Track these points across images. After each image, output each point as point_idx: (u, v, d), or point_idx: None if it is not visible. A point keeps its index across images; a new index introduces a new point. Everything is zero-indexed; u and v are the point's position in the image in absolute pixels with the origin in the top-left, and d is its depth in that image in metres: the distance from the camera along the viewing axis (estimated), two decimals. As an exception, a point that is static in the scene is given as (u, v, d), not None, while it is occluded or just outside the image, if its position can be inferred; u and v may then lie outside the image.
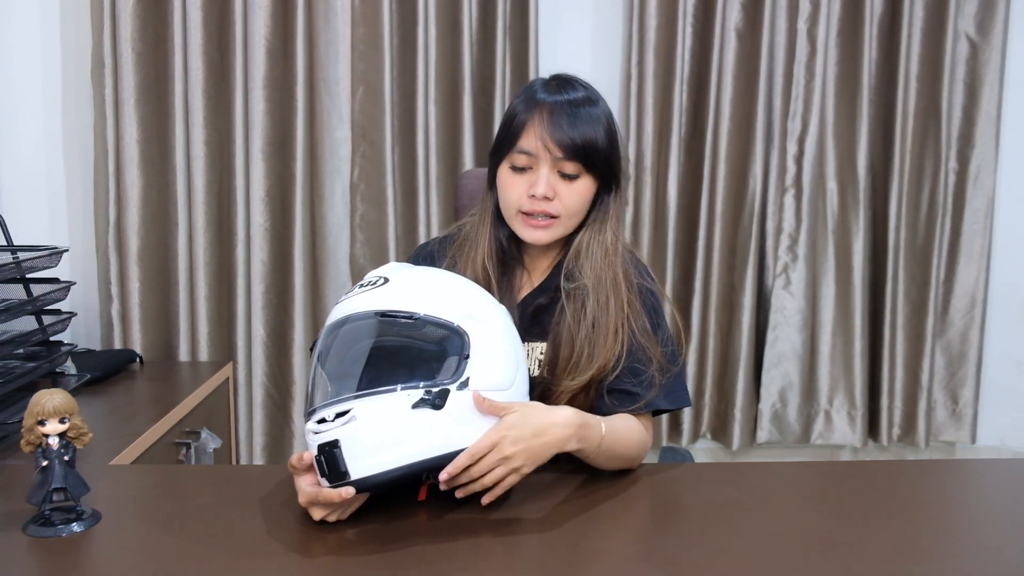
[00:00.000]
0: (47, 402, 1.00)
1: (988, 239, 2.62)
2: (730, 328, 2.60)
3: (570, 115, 1.21)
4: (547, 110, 1.21)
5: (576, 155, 1.20)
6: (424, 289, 1.07)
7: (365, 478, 0.98)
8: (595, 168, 1.23)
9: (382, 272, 1.10)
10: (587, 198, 1.25)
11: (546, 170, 1.21)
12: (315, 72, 2.40)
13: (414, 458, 0.99)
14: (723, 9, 2.44)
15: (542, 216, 1.23)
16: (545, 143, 1.20)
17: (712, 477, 1.26)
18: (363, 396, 0.99)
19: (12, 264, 1.72)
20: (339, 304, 1.08)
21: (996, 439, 2.76)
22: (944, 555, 1.00)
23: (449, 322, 1.04)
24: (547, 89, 1.24)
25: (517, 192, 1.23)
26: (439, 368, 1.03)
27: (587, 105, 1.23)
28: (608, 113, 1.26)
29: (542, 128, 1.20)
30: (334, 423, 0.99)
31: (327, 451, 0.98)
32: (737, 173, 2.53)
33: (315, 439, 1.00)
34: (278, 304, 2.45)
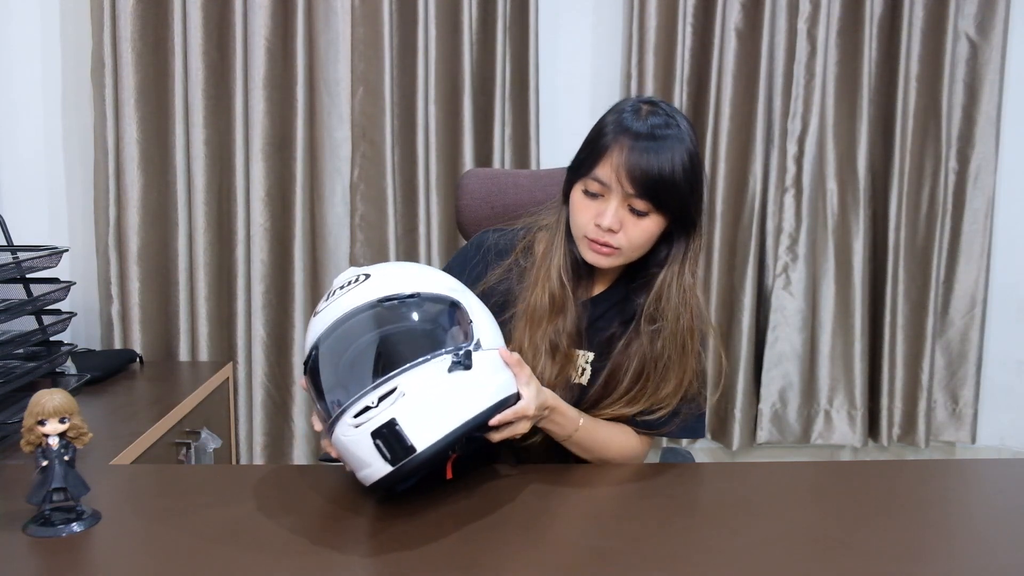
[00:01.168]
0: (47, 402, 1.00)
1: (988, 239, 2.62)
2: (730, 328, 2.60)
3: (649, 153, 1.17)
4: (629, 140, 1.18)
5: (647, 193, 1.18)
6: (408, 274, 1.12)
7: (431, 446, 1.00)
8: (667, 208, 1.20)
9: (356, 272, 1.12)
10: (653, 235, 1.23)
11: (615, 204, 1.19)
12: (315, 72, 2.40)
13: (467, 416, 1.03)
14: (723, 9, 2.44)
15: (605, 245, 1.22)
16: (619, 177, 1.18)
17: (712, 477, 1.26)
18: (403, 372, 1.01)
19: (12, 264, 1.72)
20: (321, 313, 1.09)
21: (996, 439, 2.76)
22: (944, 555, 1.00)
23: (445, 296, 1.10)
24: (636, 116, 1.20)
25: (585, 217, 1.23)
26: (447, 339, 1.08)
27: (671, 140, 1.18)
28: (692, 150, 1.21)
29: (620, 160, 1.18)
30: (380, 407, 1.00)
31: (387, 432, 0.99)
32: (737, 173, 2.53)
33: (364, 429, 1.00)
34: (278, 304, 2.45)
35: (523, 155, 2.46)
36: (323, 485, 1.17)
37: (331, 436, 1.06)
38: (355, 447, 1.01)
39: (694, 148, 1.21)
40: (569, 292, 1.27)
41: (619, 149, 1.18)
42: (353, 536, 1.02)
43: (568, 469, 1.25)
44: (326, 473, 1.24)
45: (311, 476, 1.21)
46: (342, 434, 1.03)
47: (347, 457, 1.05)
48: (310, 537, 1.01)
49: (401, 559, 0.97)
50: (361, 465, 1.02)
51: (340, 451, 1.06)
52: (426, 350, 1.04)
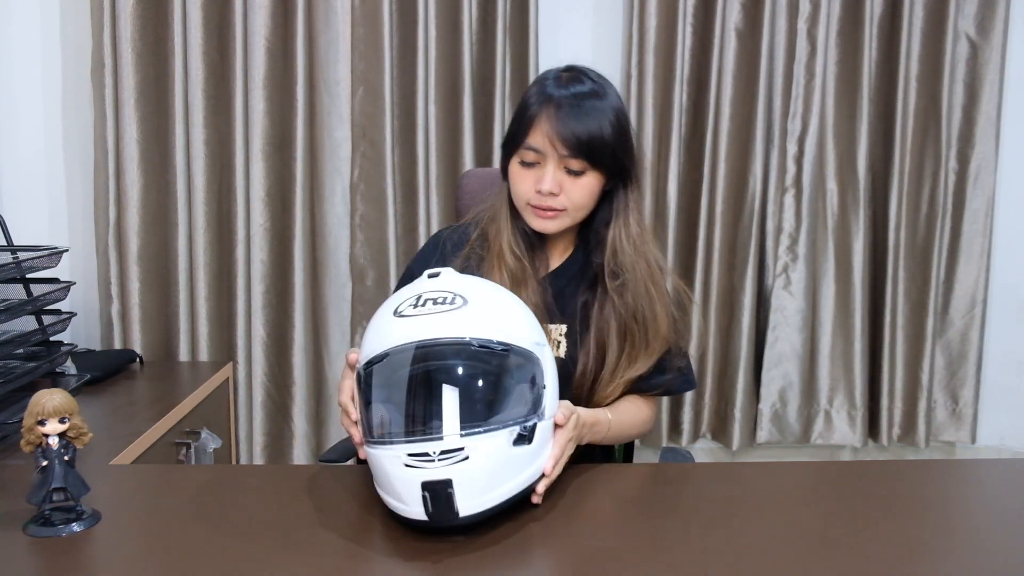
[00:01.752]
0: (47, 402, 1.00)
1: (988, 239, 2.62)
2: (730, 328, 2.60)
3: (576, 112, 1.23)
4: (554, 107, 1.23)
5: (580, 153, 1.23)
6: (503, 312, 1.08)
7: (475, 515, 0.98)
8: (601, 164, 1.25)
9: (451, 287, 1.07)
10: (594, 192, 1.28)
11: (552, 167, 1.25)
12: (315, 72, 2.40)
13: (513, 492, 1.02)
14: (723, 9, 2.44)
15: (549, 208, 1.27)
16: (551, 141, 1.23)
17: (712, 477, 1.26)
18: (473, 434, 0.98)
19: (12, 264, 1.72)
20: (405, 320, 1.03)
21: (996, 439, 2.76)
22: (944, 555, 1.00)
23: (530, 352, 1.06)
24: (558, 83, 1.26)
25: (525, 186, 1.27)
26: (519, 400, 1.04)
27: (594, 100, 1.25)
28: (617, 107, 1.27)
29: (549, 126, 1.23)
30: (441, 460, 0.96)
31: (438, 489, 0.96)
32: (737, 173, 2.53)
33: (416, 474, 0.97)
34: (278, 304, 2.45)
35: (523, 155, 2.46)
36: (323, 485, 1.17)
37: (367, 448, 1.04)
38: (398, 481, 0.99)
39: (618, 103, 1.28)
40: (526, 266, 1.31)
41: (547, 115, 1.23)
42: (353, 535, 1.02)
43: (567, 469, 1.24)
44: (326, 473, 1.24)
45: (311, 476, 1.21)
46: (387, 462, 1.00)
47: (382, 479, 1.03)
48: (310, 537, 1.01)
49: (400, 558, 0.97)
50: (395, 495, 1.00)
51: (375, 467, 1.04)
52: (499, 410, 1.02)
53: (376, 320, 1.09)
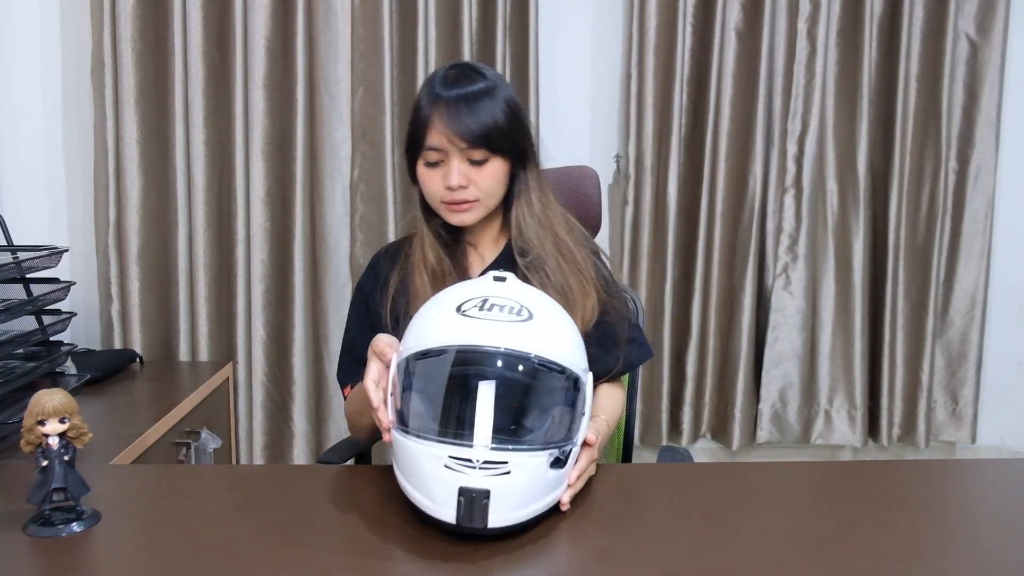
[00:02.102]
0: (47, 402, 1.00)
1: (988, 239, 2.62)
2: (730, 328, 2.60)
3: (467, 106, 1.27)
4: (444, 105, 1.27)
5: (478, 142, 1.27)
6: (563, 335, 1.08)
7: (503, 527, 0.98)
8: (501, 150, 1.30)
9: (517, 296, 1.07)
10: (500, 178, 1.33)
11: (456, 162, 1.29)
12: (315, 72, 2.40)
13: (540, 510, 1.02)
14: (723, 9, 2.44)
15: (462, 202, 1.31)
16: (449, 138, 1.27)
17: (712, 477, 1.26)
18: (519, 450, 0.99)
19: (12, 264, 1.72)
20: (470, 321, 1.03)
21: (996, 439, 2.76)
22: (944, 555, 1.00)
23: (580, 377, 1.06)
24: (445, 83, 1.30)
25: (435, 185, 1.32)
26: (559, 418, 1.05)
27: (482, 93, 1.28)
28: (507, 95, 1.31)
29: (443, 125, 1.27)
30: (483, 469, 0.96)
31: (475, 497, 0.95)
32: (737, 173, 2.53)
33: (454, 476, 0.96)
34: (278, 304, 2.45)
35: (523, 155, 2.46)
36: (323, 485, 1.18)
37: (397, 435, 1.02)
38: (433, 479, 0.98)
39: (507, 90, 1.32)
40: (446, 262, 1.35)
41: (439, 114, 1.28)
42: (354, 535, 1.02)
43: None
44: (326, 473, 1.24)
45: (311, 476, 1.21)
46: (424, 459, 0.98)
47: (412, 472, 1.01)
48: (310, 537, 1.01)
49: (399, 559, 0.97)
50: (425, 492, 0.99)
51: (405, 458, 1.02)
52: (544, 431, 1.02)
53: (433, 311, 1.08)
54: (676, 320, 2.58)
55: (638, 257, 2.53)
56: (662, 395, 2.57)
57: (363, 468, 1.29)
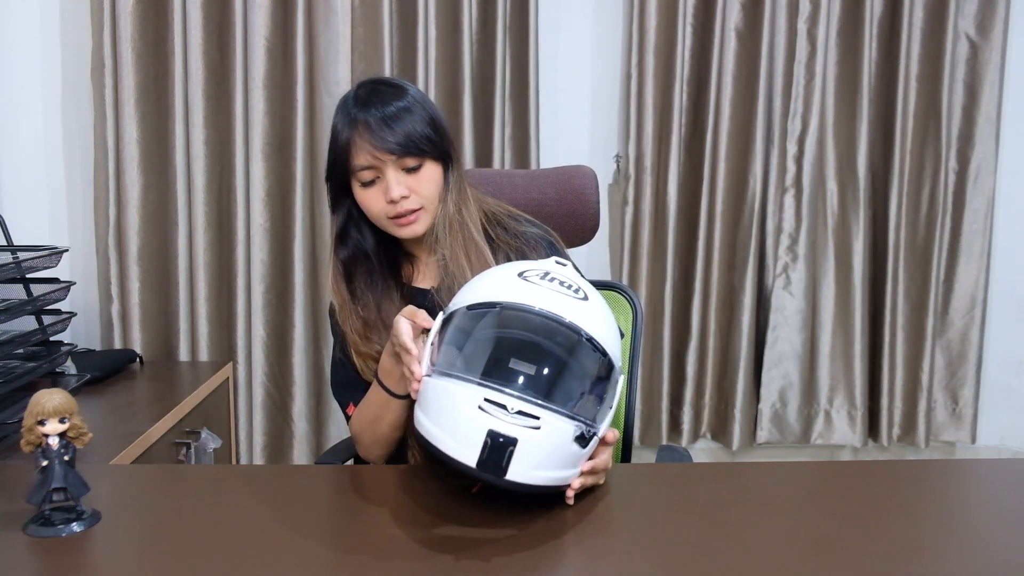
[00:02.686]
0: (47, 402, 1.00)
1: (988, 239, 2.62)
2: (730, 328, 2.60)
3: (386, 121, 1.26)
4: (363, 125, 1.26)
5: (409, 150, 1.26)
6: (611, 326, 1.09)
7: (519, 483, 0.98)
8: (432, 154, 1.29)
9: (576, 279, 1.09)
10: (438, 181, 1.31)
11: (392, 173, 1.27)
12: (315, 72, 2.41)
13: (558, 482, 1.03)
14: (723, 9, 2.44)
15: (408, 213, 1.29)
16: (376, 152, 1.26)
17: (712, 477, 1.26)
18: (552, 410, 1.00)
19: (12, 264, 1.72)
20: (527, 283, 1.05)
21: (996, 439, 2.76)
22: (944, 555, 1.00)
23: (617, 364, 1.07)
24: (357, 104, 1.28)
25: (378, 204, 1.29)
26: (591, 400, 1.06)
27: (397, 103, 1.27)
28: (421, 100, 1.31)
29: (368, 143, 1.26)
30: (515, 418, 0.98)
31: (502, 443, 0.96)
32: (737, 173, 2.53)
33: (486, 419, 0.97)
34: (278, 304, 2.45)
35: (523, 155, 2.46)
36: (323, 485, 1.18)
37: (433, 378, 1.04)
38: (463, 420, 0.98)
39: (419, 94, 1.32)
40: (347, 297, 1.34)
41: (360, 132, 1.26)
42: (354, 536, 1.02)
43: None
44: (326, 473, 1.24)
45: (311, 476, 1.21)
46: (459, 397, 0.99)
47: (440, 412, 1.02)
48: (310, 537, 1.01)
49: (399, 558, 0.96)
50: (450, 431, 0.99)
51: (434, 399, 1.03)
52: (578, 404, 1.04)
53: (493, 275, 1.11)
54: (676, 320, 2.58)
55: (638, 257, 2.53)
56: (662, 395, 2.57)
57: (363, 468, 1.30)
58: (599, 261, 2.61)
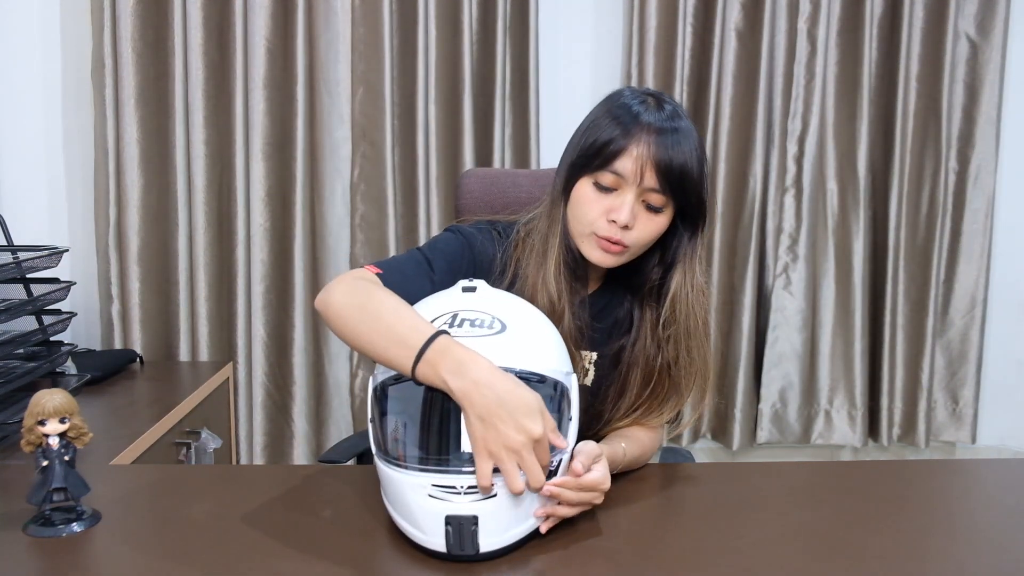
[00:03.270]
0: (47, 402, 1.00)
1: (988, 239, 2.63)
2: (730, 328, 2.60)
3: (672, 144, 1.13)
4: (651, 135, 1.13)
5: (670, 187, 1.13)
6: (539, 342, 1.03)
7: (495, 551, 0.95)
8: (683, 201, 1.16)
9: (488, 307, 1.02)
10: (661, 232, 1.18)
11: (631, 197, 1.14)
12: (315, 72, 2.41)
13: (534, 526, 0.99)
14: (723, 9, 2.44)
15: (616, 243, 1.16)
16: (641, 169, 1.13)
17: (712, 477, 1.26)
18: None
19: (12, 264, 1.72)
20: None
21: (996, 439, 2.76)
22: (944, 555, 1.00)
23: (562, 383, 1.01)
24: (647, 108, 1.16)
25: (595, 212, 1.16)
26: None
27: (684, 132, 1.15)
28: (700, 141, 1.18)
29: (644, 154, 1.13)
30: (468, 494, 0.93)
31: (463, 525, 0.93)
32: (737, 173, 2.53)
33: (439, 506, 0.93)
34: (278, 304, 2.45)
35: (523, 155, 2.46)
36: (323, 485, 1.17)
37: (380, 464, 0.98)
38: (418, 510, 0.95)
39: (700, 139, 1.18)
40: (566, 295, 1.21)
41: (640, 142, 1.13)
42: (355, 536, 1.02)
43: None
44: (326, 473, 1.24)
45: (311, 476, 1.21)
46: (408, 489, 0.95)
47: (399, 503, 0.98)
48: (310, 537, 1.01)
49: (399, 558, 0.96)
50: (413, 523, 0.96)
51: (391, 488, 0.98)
52: None
53: None
54: (676, 320, 2.57)
55: (638, 257, 2.52)
56: (662, 395, 2.57)
57: (363, 468, 1.29)
58: (599, 261, 2.61)
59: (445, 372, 0.95)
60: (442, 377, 0.95)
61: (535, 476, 0.94)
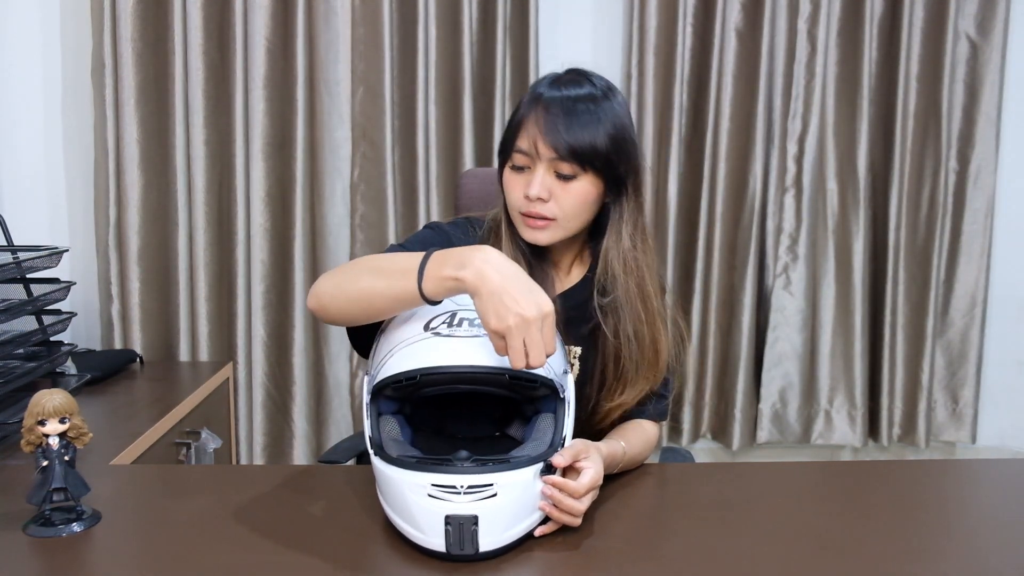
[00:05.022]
0: (47, 402, 1.00)
1: (988, 239, 2.62)
2: (730, 328, 2.60)
3: (568, 114, 1.15)
4: (544, 108, 1.17)
5: (571, 156, 1.15)
6: None
7: (496, 549, 0.96)
8: (594, 168, 1.17)
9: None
10: (587, 200, 1.19)
11: (542, 171, 1.16)
12: (315, 72, 2.41)
13: (533, 524, 1.00)
14: (723, 9, 2.44)
15: (539, 217, 1.18)
16: (537, 141, 1.16)
17: (712, 477, 1.26)
18: (502, 470, 0.95)
19: (12, 264, 1.71)
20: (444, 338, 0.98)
21: (996, 439, 2.76)
22: (944, 555, 1.00)
23: (559, 383, 1.02)
24: (553, 84, 1.20)
25: (516, 193, 1.19)
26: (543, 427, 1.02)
27: (589, 102, 1.17)
28: (617, 111, 1.19)
29: (536, 127, 1.16)
30: (468, 494, 0.93)
31: (463, 525, 0.93)
32: (737, 173, 2.53)
33: (439, 506, 0.93)
34: (278, 304, 2.45)
35: (523, 155, 2.46)
36: (323, 485, 1.18)
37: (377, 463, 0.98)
38: (418, 510, 0.95)
39: (619, 108, 1.20)
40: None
41: (535, 116, 1.17)
42: (355, 536, 1.02)
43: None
44: (326, 473, 1.24)
45: (311, 476, 1.21)
46: (407, 489, 0.95)
47: (397, 503, 0.97)
48: (310, 537, 1.01)
49: (400, 558, 0.96)
50: (412, 523, 0.96)
51: (388, 487, 0.98)
52: (528, 443, 1.00)
53: (401, 332, 1.02)
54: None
55: (638, 257, 2.52)
56: (662, 395, 2.57)
57: (364, 468, 1.29)
58: (599, 261, 2.61)
59: (450, 270, 0.95)
60: (450, 276, 0.95)
61: (537, 353, 0.94)
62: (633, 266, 1.22)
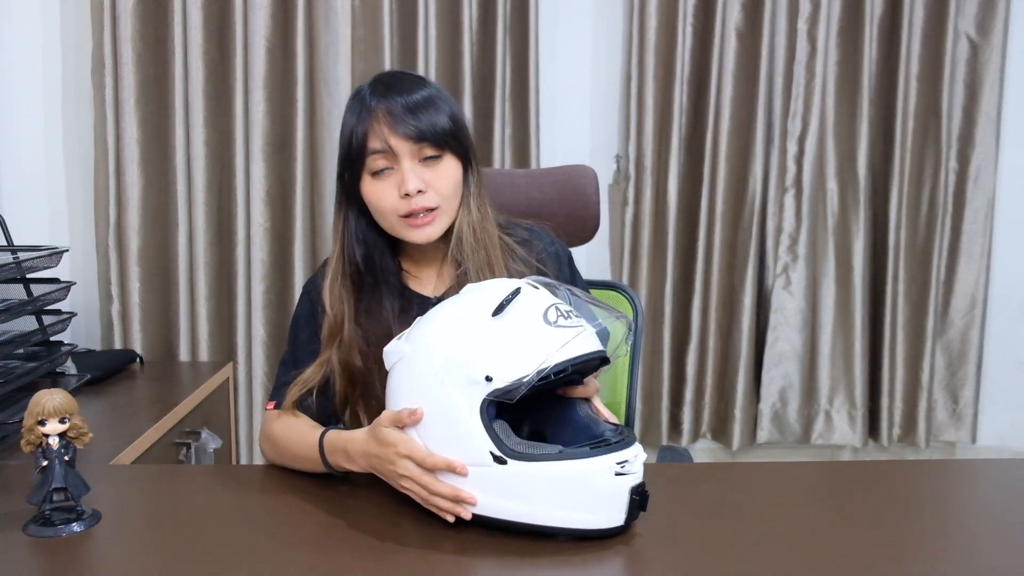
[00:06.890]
0: (47, 402, 1.00)
1: (988, 239, 2.62)
2: (730, 328, 2.60)
3: (408, 108, 1.18)
4: (382, 109, 1.18)
5: (431, 136, 1.18)
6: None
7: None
8: (450, 145, 1.20)
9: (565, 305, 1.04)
10: (457, 178, 1.22)
11: (408, 163, 1.18)
12: (315, 72, 2.40)
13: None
14: (723, 9, 2.44)
15: (423, 213, 1.19)
16: (389, 140, 1.17)
17: (712, 477, 1.26)
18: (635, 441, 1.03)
19: (12, 264, 1.72)
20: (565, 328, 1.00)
21: (996, 439, 2.76)
22: (944, 555, 1.00)
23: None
24: (374, 92, 1.20)
25: (389, 198, 1.19)
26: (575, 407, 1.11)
27: (420, 92, 1.20)
28: (444, 95, 1.23)
29: (384, 126, 1.17)
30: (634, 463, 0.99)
31: (644, 494, 1.00)
32: (737, 173, 2.53)
33: (624, 480, 0.98)
34: (278, 304, 2.45)
35: (523, 155, 2.46)
36: (323, 486, 1.18)
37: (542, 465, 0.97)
38: (603, 490, 0.97)
39: (437, 89, 1.23)
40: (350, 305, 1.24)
41: (375, 120, 1.18)
42: (354, 536, 1.02)
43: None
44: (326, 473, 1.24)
45: (311, 476, 1.21)
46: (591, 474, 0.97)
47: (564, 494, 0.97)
48: (310, 537, 1.01)
49: (400, 557, 0.97)
50: (590, 508, 0.98)
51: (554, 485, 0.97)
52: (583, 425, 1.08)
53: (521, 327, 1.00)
54: (676, 320, 2.58)
55: (638, 257, 2.53)
56: (662, 395, 2.57)
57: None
58: (599, 261, 2.61)
59: (344, 463, 1.11)
60: (345, 468, 1.12)
61: (434, 489, 1.00)
62: (482, 236, 1.24)
